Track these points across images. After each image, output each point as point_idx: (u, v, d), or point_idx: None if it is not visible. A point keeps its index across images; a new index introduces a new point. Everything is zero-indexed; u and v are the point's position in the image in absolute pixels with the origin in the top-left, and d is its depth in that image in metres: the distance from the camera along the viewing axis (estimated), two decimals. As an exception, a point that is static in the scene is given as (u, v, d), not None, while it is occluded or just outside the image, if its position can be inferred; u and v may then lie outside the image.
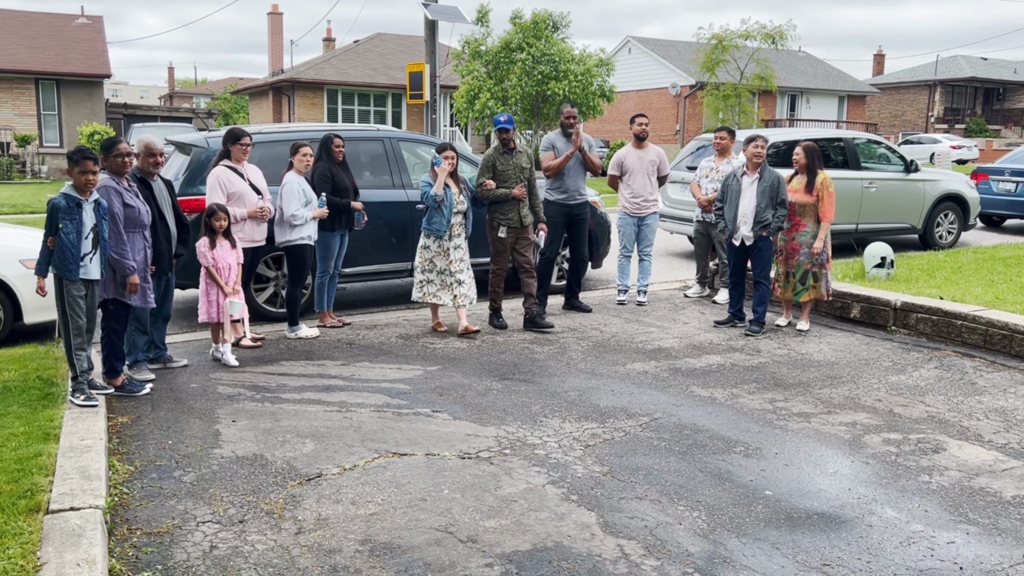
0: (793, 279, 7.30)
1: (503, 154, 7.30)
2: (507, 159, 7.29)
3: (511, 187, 7.22)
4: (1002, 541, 3.49)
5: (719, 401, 5.39)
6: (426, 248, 7.09)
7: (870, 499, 3.90)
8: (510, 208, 7.26)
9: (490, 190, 7.19)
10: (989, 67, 53.83)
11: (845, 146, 11.67)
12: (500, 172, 7.24)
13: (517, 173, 7.29)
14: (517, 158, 7.35)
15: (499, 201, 7.23)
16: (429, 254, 7.08)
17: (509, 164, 7.28)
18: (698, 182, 8.54)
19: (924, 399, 5.42)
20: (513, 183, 7.24)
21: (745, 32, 29.32)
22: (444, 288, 7.08)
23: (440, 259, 7.06)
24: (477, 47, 25.55)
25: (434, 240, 7.05)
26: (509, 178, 7.25)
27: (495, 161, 7.27)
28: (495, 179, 7.23)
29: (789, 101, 40.67)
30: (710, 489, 4.02)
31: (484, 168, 7.27)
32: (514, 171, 7.28)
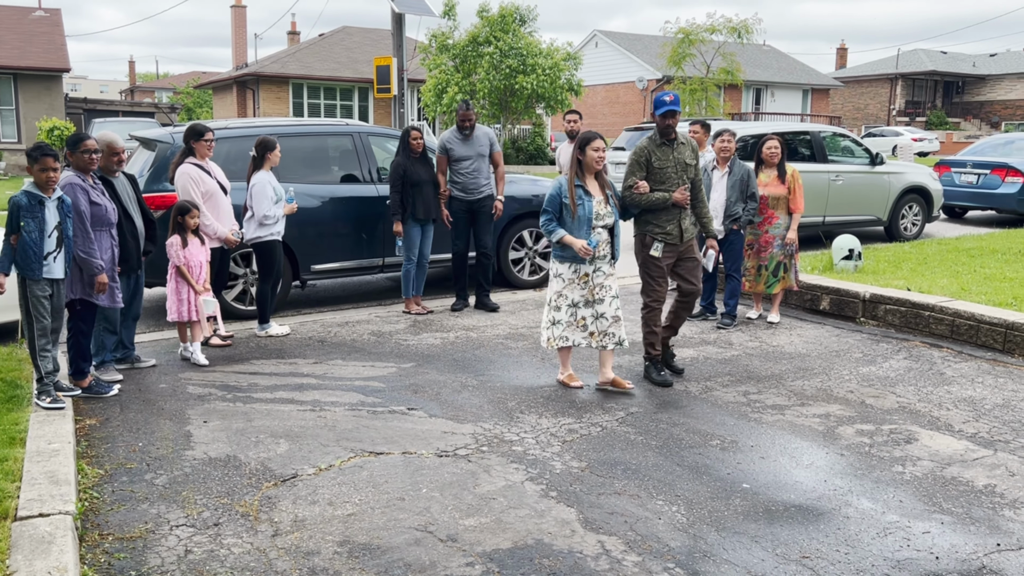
0: (766, 272, 7.36)
1: (661, 146, 5.60)
2: (666, 152, 5.60)
3: (670, 189, 5.57)
4: (976, 530, 3.54)
5: (694, 394, 5.41)
6: (558, 278, 5.43)
7: (846, 490, 3.94)
8: (669, 217, 5.61)
9: (643, 194, 5.53)
10: (949, 61, 54.78)
11: (812, 139, 11.80)
12: (657, 170, 5.57)
13: (679, 171, 5.63)
14: (679, 151, 5.66)
15: (654, 209, 5.60)
16: (560, 285, 5.42)
17: (669, 159, 5.59)
18: None
19: (895, 390, 5.49)
20: (673, 184, 5.59)
21: (711, 26, 29.53)
22: (575, 326, 5.44)
23: (574, 289, 5.40)
24: (444, 41, 25.42)
25: (569, 267, 5.38)
26: (668, 178, 5.58)
27: (650, 155, 5.59)
28: (649, 179, 5.59)
29: (754, 94, 41.05)
30: (688, 483, 4.03)
31: (636, 164, 5.61)
32: (675, 168, 5.61)
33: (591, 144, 5.30)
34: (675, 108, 5.54)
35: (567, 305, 5.44)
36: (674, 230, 5.63)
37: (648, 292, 5.69)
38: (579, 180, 5.32)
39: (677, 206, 5.60)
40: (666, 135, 5.62)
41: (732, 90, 36.60)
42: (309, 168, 7.96)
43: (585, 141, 5.34)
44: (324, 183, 7.98)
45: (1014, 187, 13.89)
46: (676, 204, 5.59)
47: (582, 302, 5.43)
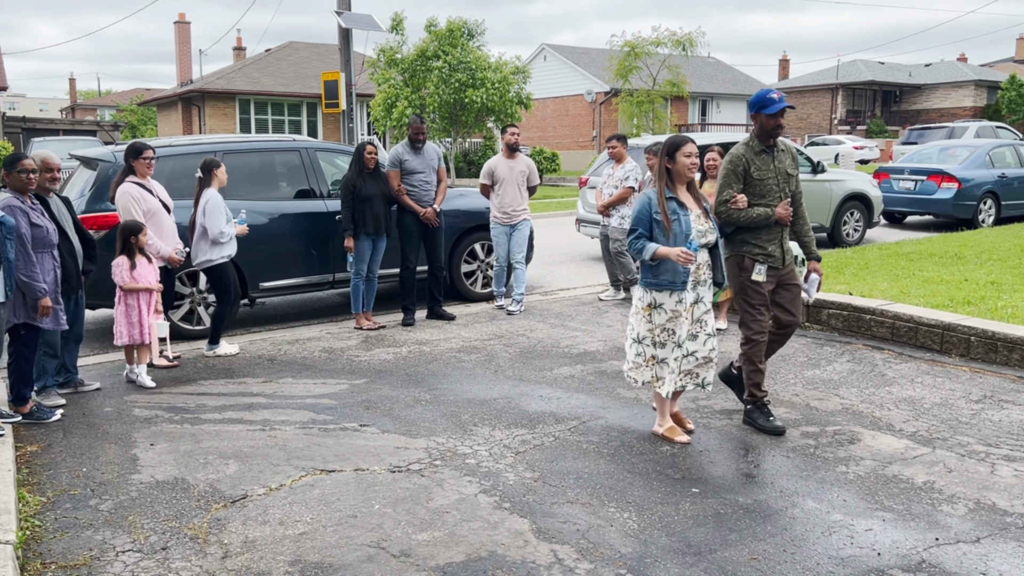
0: (711, 280, 7.48)
1: (760, 153, 4.86)
2: (766, 161, 4.85)
3: (772, 204, 4.82)
4: (916, 526, 3.65)
5: (644, 402, 5.48)
6: (658, 309, 4.58)
7: (792, 492, 4.03)
8: (770, 237, 4.83)
9: (741, 209, 4.79)
10: (886, 71, 56.43)
11: (755, 149, 12.04)
12: (756, 181, 4.81)
13: (780, 183, 4.88)
14: (780, 160, 4.92)
15: (753, 227, 4.83)
16: (662, 317, 4.58)
17: (769, 168, 4.85)
18: (600, 189, 8.79)
19: (839, 392, 5.63)
20: (775, 198, 4.83)
21: (656, 39, 30.01)
22: (678, 371, 4.66)
23: (681, 323, 4.57)
24: (393, 55, 25.41)
25: (670, 295, 4.54)
26: (769, 191, 4.82)
27: (749, 163, 4.82)
28: (746, 192, 4.83)
29: (700, 106, 41.75)
30: (639, 489, 4.08)
31: (731, 174, 4.84)
32: (776, 179, 4.86)
33: (682, 149, 4.49)
34: (781, 106, 4.76)
35: (674, 343, 4.57)
36: (776, 251, 4.82)
37: (749, 323, 4.87)
38: (670, 191, 4.55)
39: (780, 223, 4.82)
40: (772, 137, 4.83)
41: (679, 102, 37.19)
42: (256, 185, 7.89)
43: (675, 146, 4.52)
44: (272, 200, 7.92)
45: (949, 192, 14.35)
46: (779, 221, 4.80)
47: (690, 338, 4.63)
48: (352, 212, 7.41)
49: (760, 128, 4.82)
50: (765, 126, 4.80)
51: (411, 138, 7.86)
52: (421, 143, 7.86)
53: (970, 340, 6.36)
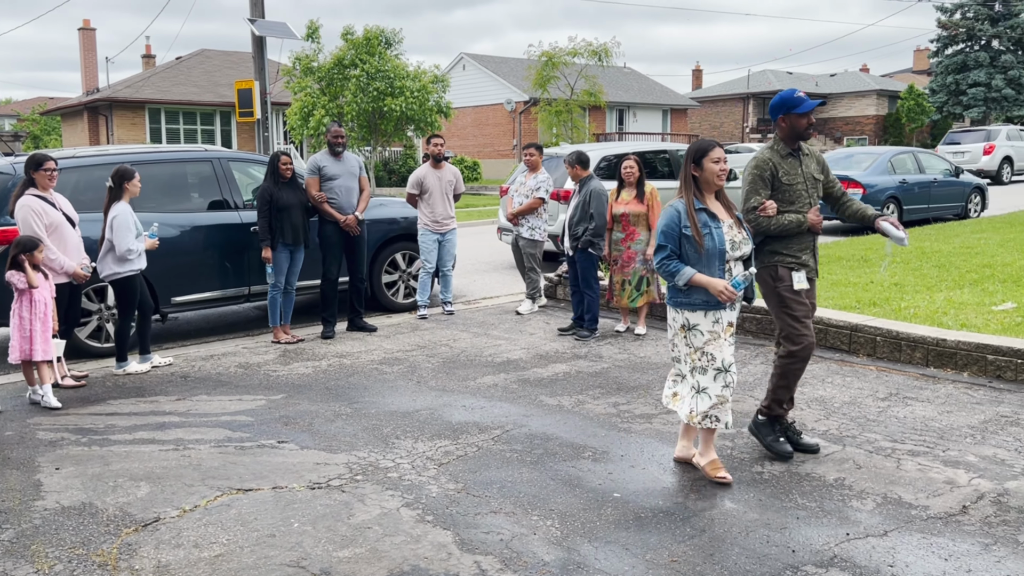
0: (629, 286, 7.62)
1: (787, 157, 4.54)
2: (793, 165, 4.53)
3: (803, 210, 4.51)
4: (828, 522, 3.77)
5: (567, 408, 5.52)
6: (693, 331, 4.18)
7: (711, 494, 4.11)
8: (803, 246, 4.52)
9: (771, 217, 4.43)
10: (794, 81, 58.49)
11: (671, 158, 12.32)
12: (786, 187, 4.49)
13: (809, 188, 4.56)
14: (806, 164, 4.59)
15: (783, 235, 4.49)
16: (700, 339, 4.17)
17: (797, 173, 4.53)
18: (512, 197, 8.87)
19: (753, 393, 5.78)
20: (804, 204, 4.51)
21: (573, 49, 30.41)
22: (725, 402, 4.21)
23: (721, 346, 4.17)
24: (309, 63, 25.04)
25: (706, 315, 4.15)
26: (799, 196, 4.50)
27: (776, 168, 4.49)
28: (775, 198, 4.49)
29: (617, 115, 42.47)
30: (562, 496, 4.10)
31: (759, 180, 4.49)
32: (805, 184, 4.54)
33: (710, 154, 4.14)
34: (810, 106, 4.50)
35: (715, 369, 4.16)
36: (809, 260, 4.52)
37: (794, 338, 4.45)
38: (699, 202, 4.15)
39: (812, 231, 4.52)
40: (802, 139, 4.54)
41: (596, 111, 37.76)
42: (167, 196, 7.66)
43: (702, 151, 4.17)
44: (183, 211, 7.69)
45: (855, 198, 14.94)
46: (811, 229, 4.49)
47: (733, 361, 4.20)
48: (269, 222, 7.26)
49: (790, 130, 4.49)
50: (796, 127, 4.47)
51: (330, 144, 7.76)
52: (341, 149, 7.77)
53: (876, 340, 6.62)
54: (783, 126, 4.52)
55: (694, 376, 4.21)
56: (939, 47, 51.05)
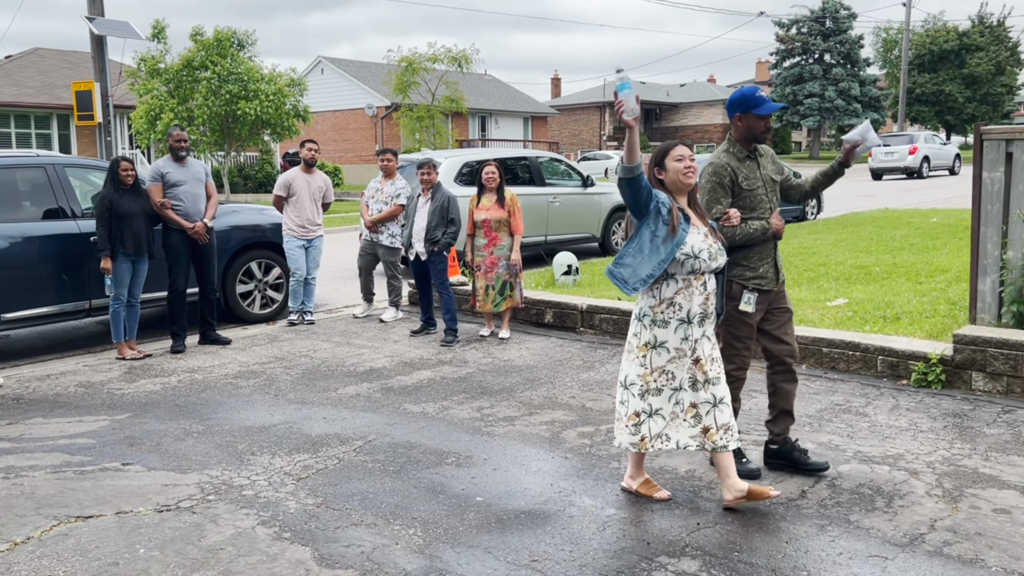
0: (493, 291, 7.69)
1: (744, 160, 4.22)
2: (752, 168, 4.23)
3: (764, 216, 4.21)
4: (680, 513, 3.92)
5: (431, 415, 5.49)
6: (658, 348, 3.83)
7: (570, 491, 4.19)
8: (762, 255, 4.23)
9: (735, 226, 4.12)
10: (647, 90, 60.87)
11: (530, 165, 12.53)
12: (746, 192, 4.18)
13: (769, 192, 4.28)
14: (763, 165, 4.30)
15: (744, 245, 4.18)
16: (662, 359, 3.84)
17: (756, 177, 4.23)
18: (366, 203, 8.80)
19: (610, 392, 5.94)
20: (765, 209, 4.22)
21: (433, 55, 30.42)
22: (681, 421, 3.88)
23: (681, 365, 3.85)
24: (155, 64, 23.85)
25: (675, 329, 3.81)
26: (760, 202, 4.21)
27: (735, 173, 4.17)
28: (736, 205, 4.18)
29: (480, 122, 42.82)
30: (425, 504, 4.07)
31: (719, 187, 4.16)
32: (764, 188, 4.25)
33: (671, 153, 3.80)
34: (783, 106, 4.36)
35: (672, 389, 3.85)
36: (768, 271, 4.23)
37: (732, 357, 4.25)
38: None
39: (775, 237, 4.25)
40: (759, 141, 4.24)
41: (459, 118, 37.91)
42: (-8, 205, 7.08)
43: (663, 152, 3.84)
44: (12, 221, 7.13)
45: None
46: (774, 236, 4.23)
47: (690, 383, 3.85)
48: (109, 231, 6.85)
49: (747, 130, 4.18)
50: (754, 128, 4.17)
51: (173, 149, 7.42)
52: (184, 154, 7.45)
53: (723, 337, 6.95)
54: (739, 126, 4.20)
55: (645, 399, 3.84)
56: (778, 59, 54.55)
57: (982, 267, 6.29)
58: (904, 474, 4.32)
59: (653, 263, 3.70)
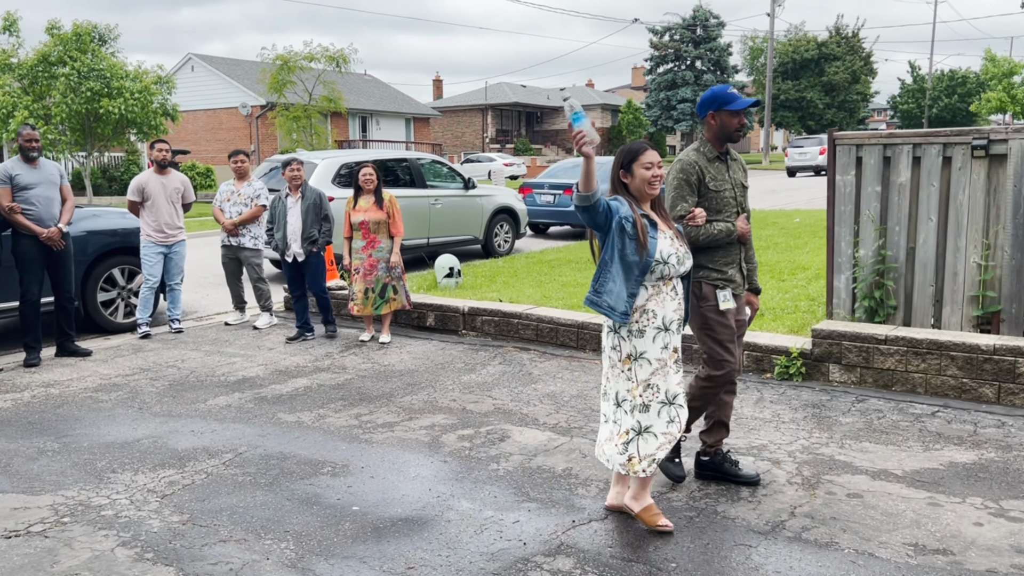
0: (373, 294, 7.58)
1: (714, 161, 4.13)
2: (720, 170, 4.13)
3: (730, 219, 4.12)
4: (556, 512, 3.97)
5: (306, 424, 5.35)
6: (639, 360, 3.63)
7: (448, 495, 4.17)
8: (729, 259, 4.14)
9: (699, 226, 4.01)
10: (528, 93, 61.64)
11: (411, 166, 12.44)
12: (713, 194, 4.08)
13: (738, 195, 4.20)
14: (734, 169, 4.22)
15: (710, 247, 4.10)
16: (646, 371, 3.63)
17: (725, 179, 4.13)
18: (220, 207, 8.48)
19: (491, 393, 5.97)
20: (731, 213, 4.13)
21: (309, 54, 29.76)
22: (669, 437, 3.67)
23: (667, 375, 3.65)
24: (7, 59, 22.31)
25: (654, 337, 3.62)
26: (726, 204, 4.12)
27: (703, 172, 4.08)
28: (702, 206, 4.08)
29: (360, 123, 42.23)
30: (298, 516, 3.96)
31: (685, 185, 4.05)
32: (733, 191, 4.16)
33: (640, 158, 3.63)
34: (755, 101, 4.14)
35: (660, 402, 3.64)
36: (736, 275, 4.14)
37: (716, 361, 4.06)
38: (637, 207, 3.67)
39: (740, 241, 4.17)
40: (731, 141, 4.14)
41: (338, 118, 37.25)
42: None
43: (632, 155, 3.65)
44: None
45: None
46: (741, 239, 4.15)
47: (680, 392, 3.69)
48: None
49: (720, 129, 4.07)
50: (727, 126, 4.06)
51: (23, 150, 6.94)
52: (36, 155, 6.98)
53: (600, 336, 7.10)
54: (712, 124, 4.09)
55: (634, 415, 3.64)
56: (652, 65, 56.31)
57: (837, 265, 6.68)
58: (767, 464, 4.52)
59: (631, 281, 3.55)
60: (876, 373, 5.84)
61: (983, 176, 6.10)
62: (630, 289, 3.55)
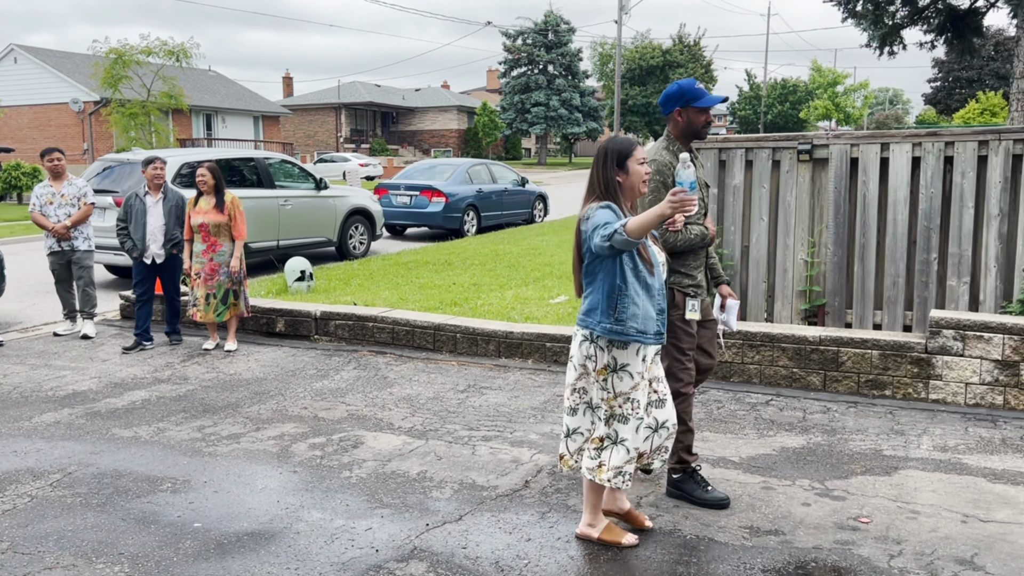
0: (215, 300, 7.26)
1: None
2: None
3: (700, 220, 3.97)
4: (410, 516, 3.93)
5: (144, 439, 5.05)
6: (619, 373, 3.43)
7: (297, 506, 4.05)
8: (698, 263, 3.99)
9: (678, 231, 3.84)
10: (383, 93, 60.97)
11: (258, 166, 12.01)
12: None
13: (704, 196, 4.08)
14: (698, 166, 4.08)
15: (683, 251, 3.92)
16: (627, 384, 3.44)
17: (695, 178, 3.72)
18: (41, 211, 7.89)
19: (345, 399, 5.84)
20: (700, 214, 3.98)
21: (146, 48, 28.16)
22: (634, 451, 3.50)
23: (645, 389, 3.48)
24: None
25: (639, 351, 3.43)
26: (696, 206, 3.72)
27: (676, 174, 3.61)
28: None
29: (205, 120, 40.45)
30: (134, 537, 3.73)
31: (661, 188, 3.84)
32: (700, 192, 4.01)
33: (634, 154, 3.45)
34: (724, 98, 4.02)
35: (638, 418, 3.47)
36: (703, 278, 4.00)
37: (678, 373, 3.93)
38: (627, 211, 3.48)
39: (708, 246, 4.03)
40: (699, 138, 4.00)
41: (181, 115, 35.51)
42: None
43: (625, 152, 3.45)
44: None
45: (439, 206, 16.00)
46: (710, 243, 4.02)
47: (656, 404, 3.55)
48: None
49: (687, 126, 3.93)
50: (694, 123, 3.92)
51: None
52: None
53: (456, 337, 7.11)
54: (679, 120, 3.93)
55: (610, 425, 3.47)
56: (506, 69, 57.02)
57: (679, 263, 6.98)
58: (616, 457, 4.66)
59: (654, 297, 3.40)
60: (716, 366, 6.15)
61: (808, 179, 6.55)
62: (657, 305, 3.41)
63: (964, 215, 6.13)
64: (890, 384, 5.74)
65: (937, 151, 6.17)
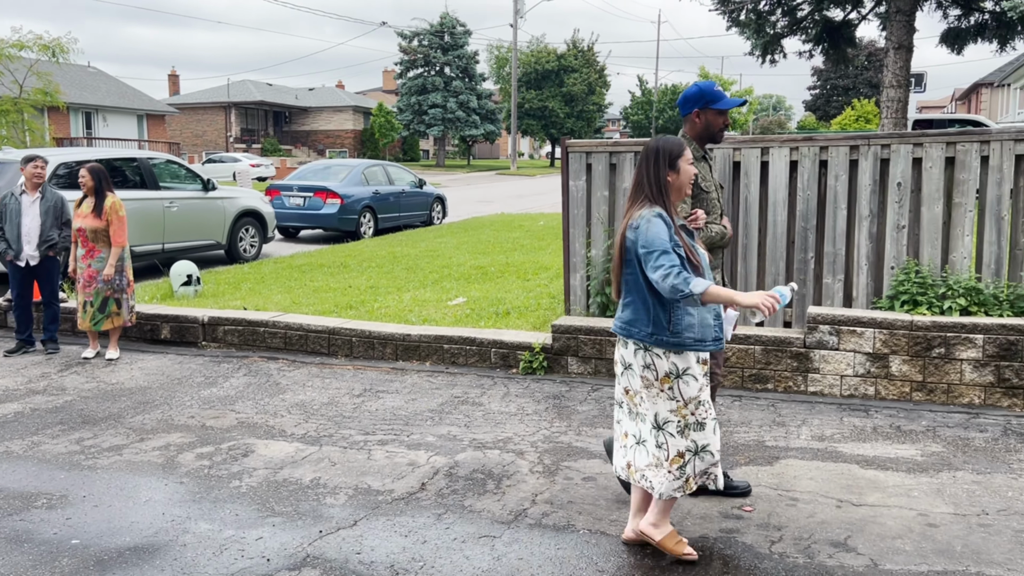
0: (92, 308, 6.93)
1: (700, 160, 3.98)
2: (705, 170, 3.98)
3: (718, 220, 4.02)
4: (303, 524, 3.86)
5: (16, 454, 4.77)
6: (683, 378, 3.33)
7: (184, 518, 3.91)
8: (716, 261, 4.05)
9: (700, 228, 3.80)
10: (275, 92, 59.51)
11: (141, 167, 11.52)
12: (704, 195, 3.95)
13: (720, 196, 4.10)
14: (714, 168, 4.18)
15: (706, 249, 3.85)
16: (693, 388, 3.34)
17: (711, 179, 4.00)
18: None
19: (234, 407, 5.68)
20: (718, 215, 4.02)
21: (18, 42, 26.58)
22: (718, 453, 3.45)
23: (707, 391, 3.41)
24: None
25: (697, 357, 3.36)
26: (713, 206, 3.99)
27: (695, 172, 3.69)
28: (696, 207, 3.92)
29: (84, 119, 38.55)
30: (5, 557, 3.52)
31: None
32: (717, 193, 4.05)
33: (685, 154, 3.41)
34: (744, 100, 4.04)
35: (714, 418, 3.41)
36: (721, 279, 4.04)
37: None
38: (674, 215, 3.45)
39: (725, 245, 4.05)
40: (715, 141, 4.00)
41: (57, 113, 33.68)
42: None
43: (677, 152, 3.38)
44: None
45: (334, 207, 15.73)
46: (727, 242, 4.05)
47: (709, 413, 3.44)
48: None
49: (704, 128, 3.93)
50: (712, 126, 3.92)
51: None
52: None
53: (352, 341, 7.01)
54: (697, 122, 3.93)
55: (687, 436, 3.35)
56: (403, 70, 56.62)
57: (572, 264, 7.11)
58: (512, 455, 4.71)
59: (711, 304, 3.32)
60: (609, 363, 6.29)
61: (694, 181, 6.77)
62: (713, 310, 3.35)
63: (838, 216, 6.48)
64: (772, 378, 6.01)
65: (813, 155, 6.50)
